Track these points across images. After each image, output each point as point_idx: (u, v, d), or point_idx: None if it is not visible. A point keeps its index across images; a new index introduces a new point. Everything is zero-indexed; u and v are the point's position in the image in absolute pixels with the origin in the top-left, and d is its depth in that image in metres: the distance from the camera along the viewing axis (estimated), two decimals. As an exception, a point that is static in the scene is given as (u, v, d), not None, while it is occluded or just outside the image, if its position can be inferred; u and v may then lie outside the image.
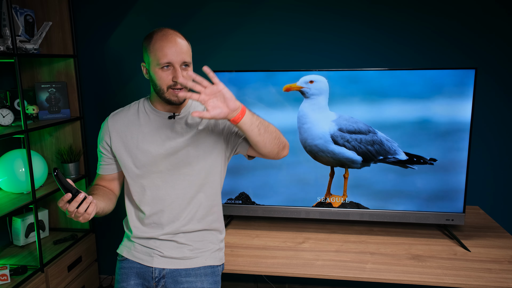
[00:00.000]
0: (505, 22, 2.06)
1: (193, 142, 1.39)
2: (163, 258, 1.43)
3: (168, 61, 1.28)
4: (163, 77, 1.30)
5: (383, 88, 1.79)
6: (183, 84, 1.24)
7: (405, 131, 1.81)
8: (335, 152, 1.84)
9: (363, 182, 1.88)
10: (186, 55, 1.31)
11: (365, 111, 1.82)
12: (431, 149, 1.81)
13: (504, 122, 2.16)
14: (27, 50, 2.04)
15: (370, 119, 1.82)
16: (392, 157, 1.83)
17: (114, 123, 1.43)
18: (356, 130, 1.82)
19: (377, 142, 1.82)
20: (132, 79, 2.40)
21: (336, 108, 1.82)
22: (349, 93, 1.81)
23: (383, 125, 1.82)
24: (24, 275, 1.93)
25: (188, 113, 1.42)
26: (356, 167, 1.86)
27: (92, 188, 1.46)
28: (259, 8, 2.21)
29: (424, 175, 1.83)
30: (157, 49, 1.29)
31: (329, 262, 1.64)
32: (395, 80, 1.79)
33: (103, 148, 1.45)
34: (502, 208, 2.24)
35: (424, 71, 1.77)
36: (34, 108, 2.15)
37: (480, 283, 1.48)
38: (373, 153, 1.83)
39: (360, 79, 1.80)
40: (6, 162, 2.05)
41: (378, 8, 2.13)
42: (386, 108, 1.81)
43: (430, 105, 1.78)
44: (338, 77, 1.81)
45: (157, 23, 2.29)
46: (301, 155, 1.88)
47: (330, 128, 1.83)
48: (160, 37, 1.30)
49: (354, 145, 1.83)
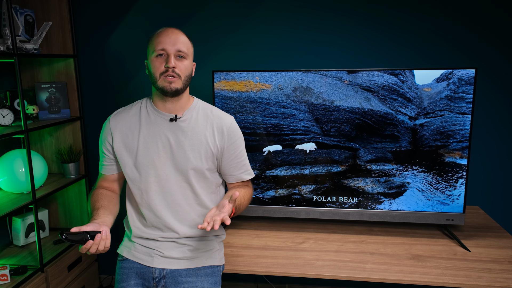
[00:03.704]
0: (504, 22, 2.06)
1: (193, 145, 1.39)
2: (164, 258, 1.43)
3: (162, 48, 1.32)
4: (157, 64, 1.33)
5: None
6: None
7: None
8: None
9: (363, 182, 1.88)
10: (182, 45, 1.34)
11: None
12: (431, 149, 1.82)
13: (504, 122, 2.16)
14: (27, 50, 2.03)
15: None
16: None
17: (116, 123, 1.43)
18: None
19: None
20: (132, 79, 2.39)
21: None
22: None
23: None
24: (24, 275, 1.93)
25: (191, 116, 1.42)
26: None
27: (97, 196, 1.42)
28: (259, 9, 2.21)
29: (424, 175, 1.83)
30: (155, 39, 1.34)
31: (329, 262, 1.64)
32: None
33: (105, 148, 1.45)
34: (502, 208, 2.24)
35: (424, 71, 1.77)
36: (34, 108, 2.15)
37: (480, 283, 1.49)
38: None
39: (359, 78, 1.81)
40: (6, 162, 2.05)
41: (378, 9, 2.13)
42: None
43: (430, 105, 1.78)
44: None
45: (157, 23, 2.29)
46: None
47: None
48: (161, 30, 1.36)
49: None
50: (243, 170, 1.49)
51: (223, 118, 1.45)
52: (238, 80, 1.85)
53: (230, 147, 1.44)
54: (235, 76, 1.85)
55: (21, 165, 2.04)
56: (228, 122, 1.44)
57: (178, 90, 1.35)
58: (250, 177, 1.52)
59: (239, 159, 1.47)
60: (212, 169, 1.44)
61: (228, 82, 1.86)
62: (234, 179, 1.50)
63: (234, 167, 1.47)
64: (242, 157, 1.48)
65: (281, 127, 1.87)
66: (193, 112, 1.42)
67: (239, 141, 1.46)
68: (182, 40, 1.34)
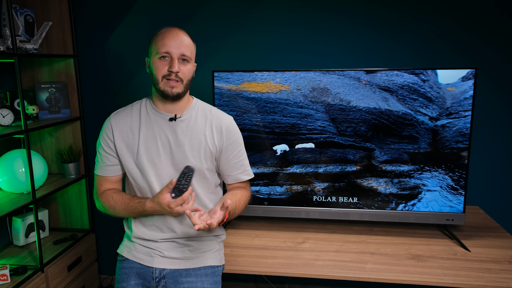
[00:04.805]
0: (504, 22, 2.06)
1: (193, 145, 1.39)
2: (164, 258, 1.43)
3: (166, 51, 1.31)
4: (160, 66, 1.32)
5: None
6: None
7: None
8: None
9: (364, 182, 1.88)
10: (186, 49, 1.33)
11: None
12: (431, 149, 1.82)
13: (504, 122, 2.16)
14: (27, 50, 2.03)
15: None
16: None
17: (116, 123, 1.42)
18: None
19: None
20: (132, 79, 2.40)
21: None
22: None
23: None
24: (24, 275, 1.93)
25: (190, 116, 1.42)
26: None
27: (113, 197, 1.42)
28: (259, 9, 2.21)
29: (424, 174, 1.83)
30: (159, 40, 1.32)
31: (329, 262, 1.64)
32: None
33: (107, 148, 1.43)
34: (502, 208, 2.24)
35: (448, 70, 1.76)
36: (34, 108, 2.15)
37: (480, 283, 1.49)
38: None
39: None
40: (6, 162, 2.05)
41: (378, 9, 2.13)
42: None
43: (430, 105, 1.78)
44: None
45: (157, 23, 2.29)
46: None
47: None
48: (164, 30, 1.34)
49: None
50: (242, 170, 1.49)
51: (222, 118, 1.45)
52: (260, 82, 1.86)
53: (229, 147, 1.44)
54: (256, 77, 1.86)
55: (21, 165, 2.04)
56: (227, 121, 1.45)
57: (179, 94, 1.35)
58: (248, 177, 1.52)
59: (238, 159, 1.47)
60: (211, 169, 1.44)
61: (251, 83, 1.86)
62: (232, 180, 1.50)
63: (232, 167, 1.47)
64: (241, 157, 1.49)
65: (298, 127, 1.87)
66: (192, 112, 1.42)
67: (238, 141, 1.47)
68: (186, 43, 1.34)
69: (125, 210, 1.39)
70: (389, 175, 1.85)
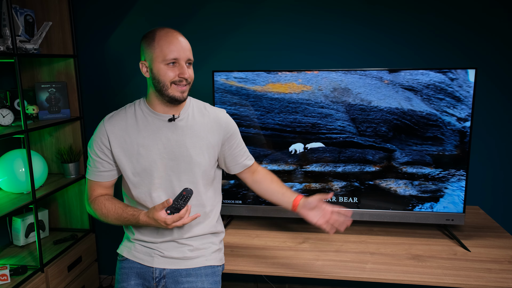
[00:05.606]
0: (504, 22, 2.06)
1: (194, 143, 1.39)
2: (164, 258, 1.43)
3: (174, 57, 1.30)
4: (168, 73, 1.31)
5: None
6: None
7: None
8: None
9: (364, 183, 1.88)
10: (190, 53, 1.35)
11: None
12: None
13: (504, 122, 2.16)
14: (27, 50, 2.03)
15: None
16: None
17: (112, 127, 1.39)
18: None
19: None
20: (132, 79, 2.40)
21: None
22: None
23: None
24: (24, 275, 1.93)
25: (187, 115, 1.42)
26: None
27: (106, 205, 1.41)
28: (259, 9, 2.21)
29: (447, 177, 1.83)
30: (163, 46, 1.30)
31: (329, 262, 1.64)
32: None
33: (102, 153, 1.40)
34: (502, 208, 2.24)
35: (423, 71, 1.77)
36: (34, 108, 2.15)
37: (480, 283, 1.48)
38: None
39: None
40: (6, 162, 2.05)
41: (378, 9, 2.13)
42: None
43: (430, 105, 1.78)
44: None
45: (157, 23, 2.29)
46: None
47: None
48: (164, 34, 1.32)
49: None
50: (246, 156, 1.55)
51: (218, 112, 1.48)
52: (283, 83, 1.86)
53: (230, 138, 1.48)
54: (280, 78, 1.86)
55: (21, 165, 2.04)
56: (223, 115, 1.48)
57: (186, 97, 1.37)
58: (252, 161, 1.57)
59: (240, 147, 1.52)
60: (213, 164, 1.47)
61: (275, 84, 1.87)
62: (241, 167, 1.53)
63: (237, 156, 1.51)
64: (242, 145, 1.54)
65: (318, 126, 1.87)
66: (188, 111, 1.42)
67: (236, 131, 1.52)
68: (188, 46, 1.35)
69: (117, 220, 1.39)
70: (408, 177, 1.83)
